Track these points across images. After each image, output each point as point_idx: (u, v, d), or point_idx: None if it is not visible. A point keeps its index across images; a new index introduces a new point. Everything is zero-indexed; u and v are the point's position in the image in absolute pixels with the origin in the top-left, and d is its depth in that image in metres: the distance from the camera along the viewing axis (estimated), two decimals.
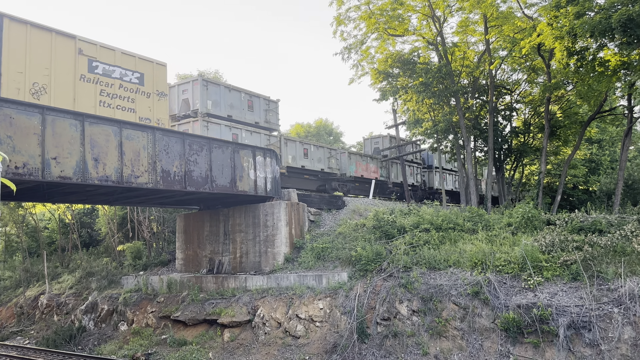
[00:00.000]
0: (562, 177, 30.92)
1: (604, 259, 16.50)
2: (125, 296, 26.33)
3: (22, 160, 15.09)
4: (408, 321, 17.83)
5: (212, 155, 21.43)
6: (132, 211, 35.03)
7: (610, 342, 14.32)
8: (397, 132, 36.93)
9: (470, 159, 31.23)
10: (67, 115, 16.51)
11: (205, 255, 26.58)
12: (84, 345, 25.03)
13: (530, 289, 16.49)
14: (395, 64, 32.20)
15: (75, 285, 31.06)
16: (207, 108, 25.55)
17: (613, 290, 15.30)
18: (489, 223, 22.29)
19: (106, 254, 35.80)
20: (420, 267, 19.24)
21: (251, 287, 22.61)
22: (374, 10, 29.97)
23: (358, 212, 27.18)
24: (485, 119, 34.24)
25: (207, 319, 22.12)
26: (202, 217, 27.13)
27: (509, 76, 36.66)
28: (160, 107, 21.41)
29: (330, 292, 20.12)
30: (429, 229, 21.89)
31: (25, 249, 40.04)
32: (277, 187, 24.79)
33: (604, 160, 43.32)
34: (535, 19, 27.24)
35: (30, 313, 31.24)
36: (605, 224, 19.09)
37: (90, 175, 16.77)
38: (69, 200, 24.39)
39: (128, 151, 18.09)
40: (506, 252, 18.40)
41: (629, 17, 19.18)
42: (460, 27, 31.72)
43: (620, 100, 31.92)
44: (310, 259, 22.69)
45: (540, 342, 15.19)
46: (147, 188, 18.86)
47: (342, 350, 17.94)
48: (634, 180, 34.62)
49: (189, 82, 25.97)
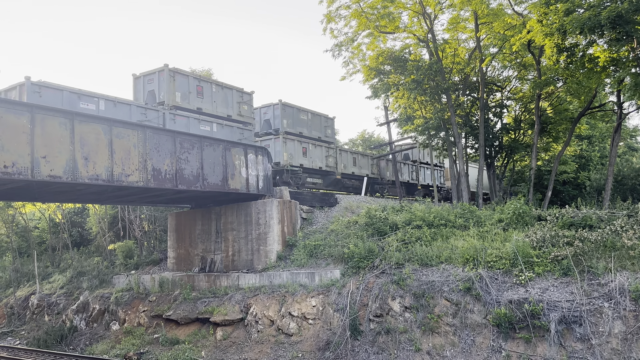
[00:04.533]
0: (552, 173, 31.09)
1: (594, 254, 16.62)
2: (117, 295, 26.20)
3: (11, 160, 14.96)
4: (400, 317, 17.88)
5: (203, 154, 21.35)
6: (123, 210, 34.84)
7: (601, 336, 14.44)
8: (388, 130, 36.99)
9: (461, 155, 31.32)
10: (57, 113, 16.38)
11: (197, 254, 26.50)
12: (76, 345, 24.89)
13: (521, 285, 16.59)
14: (386, 61, 32.20)
15: (66, 285, 30.86)
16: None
17: (603, 285, 15.42)
18: (481, 219, 22.37)
19: (97, 254, 35.60)
20: (412, 264, 19.29)
21: (244, 285, 22.57)
22: (365, 8, 29.95)
23: (350, 209, 27.21)
24: (476, 116, 34.35)
25: (200, 318, 22.06)
26: (193, 216, 27.04)
27: (499, 73, 36.78)
28: None
29: (322, 290, 20.14)
30: (421, 225, 21.94)
31: (15, 249, 39.69)
32: (269, 184, 24.75)
33: (594, 156, 43.64)
34: (526, 16, 27.33)
35: (21, 313, 31.02)
36: (595, 219, 19.22)
37: (80, 174, 16.65)
38: (59, 199, 24.21)
39: (118, 150, 17.98)
40: (497, 248, 18.49)
41: (618, 13, 19.30)
42: (451, 24, 31.77)
43: (610, 96, 32.17)
44: (303, 256, 22.69)
45: (531, 337, 15.29)
46: (138, 187, 18.75)
47: (335, 347, 17.97)
48: (623, 176, 34.93)
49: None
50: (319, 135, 32.29)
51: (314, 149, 30.66)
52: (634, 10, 19.22)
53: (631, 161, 45.13)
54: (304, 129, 31.04)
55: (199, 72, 50.91)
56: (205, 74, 51.40)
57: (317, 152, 30.82)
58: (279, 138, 28.28)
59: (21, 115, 15.33)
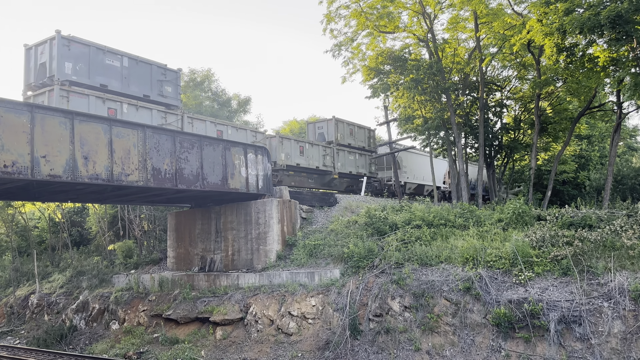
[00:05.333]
0: (552, 173, 31.11)
1: (593, 254, 16.63)
2: (117, 295, 26.20)
3: (11, 159, 14.96)
4: (400, 317, 17.88)
5: (203, 153, 21.35)
6: (123, 210, 34.83)
7: (600, 336, 14.45)
8: (388, 129, 37.06)
9: (461, 155, 31.34)
10: (56, 113, 16.39)
11: (197, 253, 26.51)
12: (75, 344, 24.89)
13: (521, 284, 16.60)
14: (386, 60, 32.23)
15: (65, 284, 30.86)
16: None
17: (603, 284, 15.43)
18: (480, 219, 22.39)
19: (97, 253, 35.58)
20: (412, 263, 19.29)
21: (243, 284, 22.57)
22: (364, 8, 29.95)
23: (350, 209, 27.21)
24: (476, 116, 34.36)
25: (199, 317, 22.06)
26: (193, 215, 27.04)
27: (499, 73, 36.81)
28: None
29: (322, 289, 20.14)
30: (421, 225, 21.95)
31: (15, 248, 39.67)
32: (269, 184, 24.75)
33: (594, 156, 43.68)
34: (525, 16, 27.34)
35: (21, 313, 31.01)
36: (595, 219, 19.24)
37: (80, 173, 16.65)
38: (58, 198, 24.17)
39: (118, 149, 17.98)
40: (497, 248, 18.50)
41: (617, 13, 19.31)
42: (451, 24, 31.78)
43: (610, 96, 32.16)
44: (303, 256, 22.69)
45: (531, 337, 15.30)
46: (138, 186, 18.75)
47: (335, 346, 17.97)
48: (623, 175, 34.92)
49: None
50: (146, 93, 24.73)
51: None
52: (633, 10, 19.24)
53: (631, 161, 45.14)
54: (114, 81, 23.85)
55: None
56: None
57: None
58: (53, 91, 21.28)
59: (21, 114, 15.33)
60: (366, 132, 35.92)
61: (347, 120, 34.25)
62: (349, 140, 33.89)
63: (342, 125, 33.58)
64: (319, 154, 30.72)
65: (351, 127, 34.38)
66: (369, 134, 36.21)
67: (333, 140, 32.37)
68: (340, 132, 33.03)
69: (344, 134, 33.55)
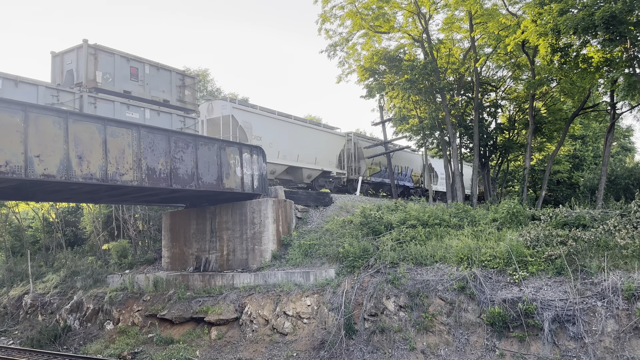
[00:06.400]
0: (546, 173, 31.23)
1: (587, 254, 16.70)
2: (111, 295, 26.10)
3: (4, 158, 14.88)
4: (395, 317, 17.91)
5: (198, 153, 21.30)
6: (117, 209, 34.72)
7: (594, 335, 14.52)
8: (383, 129, 37.03)
9: (456, 155, 31.43)
10: (50, 112, 16.31)
11: (191, 253, 26.45)
12: (69, 344, 24.79)
13: (515, 284, 16.65)
14: (381, 60, 32.27)
15: (59, 284, 30.71)
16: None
17: (596, 284, 15.50)
18: (475, 219, 22.43)
19: (91, 253, 35.42)
20: (407, 263, 19.32)
21: (238, 284, 22.54)
22: (359, 8, 29.98)
23: (345, 208, 27.22)
24: (470, 116, 34.46)
25: (194, 317, 22.01)
26: (188, 215, 26.98)
27: (494, 73, 36.95)
28: None
29: (317, 289, 20.14)
30: (416, 225, 21.98)
31: (9, 248, 39.48)
32: (264, 184, 24.74)
33: (588, 156, 43.88)
34: (520, 16, 27.45)
35: (14, 313, 30.85)
36: (588, 219, 19.32)
37: (74, 173, 16.57)
38: (52, 198, 24.08)
39: (113, 149, 17.91)
40: (492, 248, 18.55)
41: (611, 14, 19.39)
42: (446, 24, 31.88)
43: (603, 96, 32.33)
44: (298, 255, 22.68)
45: (525, 336, 15.35)
46: (132, 186, 18.69)
47: (330, 346, 17.98)
48: (616, 175, 35.09)
49: None
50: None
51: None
52: (627, 11, 19.33)
53: (624, 161, 45.41)
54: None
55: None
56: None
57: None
58: None
59: (15, 113, 15.24)
60: (173, 78, 23.91)
61: (120, 51, 21.86)
62: (128, 85, 21.99)
63: (111, 58, 21.32)
64: None
65: (136, 64, 22.39)
66: (182, 82, 24.28)
67: (83, 81, 20.63)
68: (102, 69, 20.89)
69: (115, 73, 21.43)
